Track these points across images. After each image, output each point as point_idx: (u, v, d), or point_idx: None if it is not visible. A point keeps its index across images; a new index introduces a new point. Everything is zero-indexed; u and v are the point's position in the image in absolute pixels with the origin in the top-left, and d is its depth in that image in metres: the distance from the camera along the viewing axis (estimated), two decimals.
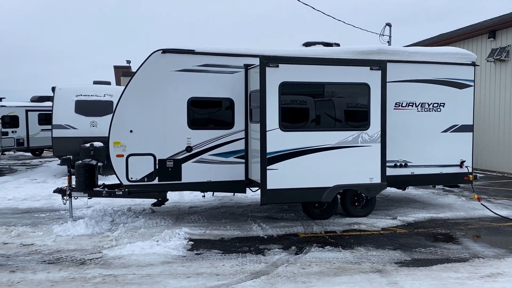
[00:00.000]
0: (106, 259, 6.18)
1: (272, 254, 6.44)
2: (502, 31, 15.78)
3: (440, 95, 9.21)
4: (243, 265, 5.96)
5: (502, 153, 15.44)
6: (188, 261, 6.11)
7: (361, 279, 5.39)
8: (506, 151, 15.34)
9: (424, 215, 9.02)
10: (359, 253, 6.51)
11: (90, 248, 6.72)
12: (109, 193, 8.37)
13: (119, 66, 27.69)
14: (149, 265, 5.95)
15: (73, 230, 7.57)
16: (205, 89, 8.00)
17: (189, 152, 7.98)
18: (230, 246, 6.86)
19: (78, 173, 8.33)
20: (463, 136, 9.47)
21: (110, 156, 7.66)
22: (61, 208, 9.91)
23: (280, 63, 7.29)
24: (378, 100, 7.80)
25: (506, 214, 9.12)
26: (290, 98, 7.49)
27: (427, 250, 6.74)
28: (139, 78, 7.72)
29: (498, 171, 15.45)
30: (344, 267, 5.89)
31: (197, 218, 8.74)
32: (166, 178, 7.87)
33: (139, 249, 6.52)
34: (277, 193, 7.40)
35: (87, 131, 14.93)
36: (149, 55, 7.77)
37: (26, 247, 6.74)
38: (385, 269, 5.79)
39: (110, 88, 15.68)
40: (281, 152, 7.41)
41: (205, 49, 8.00)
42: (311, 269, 5.79)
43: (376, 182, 7.90)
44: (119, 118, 7.66)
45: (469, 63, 9.46)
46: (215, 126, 8.19)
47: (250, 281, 5.32)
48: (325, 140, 7.58)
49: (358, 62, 7.71)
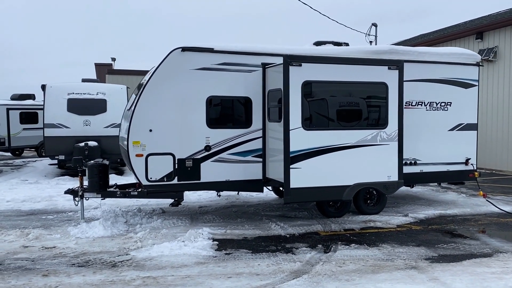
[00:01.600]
0: (137, 261, 6.06)
1: (302, 253, 6.46)
2: (489, 32, 16.28)
3: (447, 94, 9.43)
4: (279, 264, 5.95)
5: (490, 151, 15.94)
6: (222, 261, 6.07)
7: (401, 276, 5.47)
8: (494, 149, 15.85)
9: (433, 212, 9.23)
10: (386, 250, 6.60)
11: (116, 250, 6.58)
12: (124, 194, 8.21)
13: (101, 64, 27.12)
14: (183, 266, 5.88)
15: (91, 232, 7.39)
16: (223, 88, 7.95)
17: (207, 151, 7.91)
18: (257, 246, 6.85)
19: (92, 173, 8.13)
20: (468, 135, 9.73)
21: (129, 156, 7.50)
22: (65, 209, 9.70)
23: (303, 62, 7.32)
24: (396, 99, 7.93)
25: (510, 209, 9.43)
26: (312, 97, 7.53)
27: (449, 246, 6.90)
28: (158, 76, 7.59)
29: (486, 168, 15.94)
30: (378, 264, 5.96)
31: (212, 218, 8.67)
32: (185, 177, 7.78)
33: (168, 250, 6.43)
34: (300, 191, 7.44)
35: (80, 130, 14.60)
36: (168, 53, 7.65)
37: (49, 250, 6.54)
38: (419, 266, 5.90)
39: (103, 86, 15.36)
40: (304, 151, 7.45)
41: (224, 48, 7.94)
42: (347, 267, 5.84)
43: (394, 180, 8.04)
44: (139, 117, 7.52)
45: (474, 63, 9.73)
46: (233, 125, 8.15)
47: (294, 280, 5.32)
48: (346, 139, 7.66)
49: (377, 61, 7.82)
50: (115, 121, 14.94)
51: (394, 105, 7.93)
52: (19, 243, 6.88)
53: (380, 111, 7.94)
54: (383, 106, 7.90)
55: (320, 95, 7.65)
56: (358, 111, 7.88)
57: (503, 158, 15.53)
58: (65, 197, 10.75)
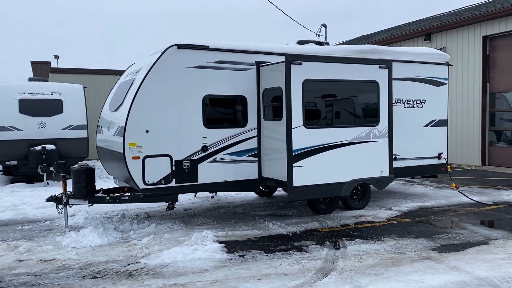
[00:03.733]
0: (152, 269, 5.77)
1: (315, 251, 6.49)
2: (437, 34, 17.32)
3: (422, 92, 9.92)
4: (299, 263, 5.94)
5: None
6: (242, 264, 5.94)
7: (423, 267, 5.67)
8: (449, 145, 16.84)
9: (413, 205, 9.65)
10: (391, 243, 6.81)
11: (123, 258, 6.22)
12: (114, 199, 7.80)
13: (39, 62, 25.41)
14: (204, 271, 5.68)
15: (86, 241, 6.93)
16: (219, 87, 7.78)
17: (204, 151, 7.70)
18: (265, 246, 6.78)
19: (78, 178, 7.63)
20: (440, 130, 10.30)
21: (125, 159, 7.10)
22: (38, 218, 9.02)
23: (304, 60, 7.35)
24: (386, 97, 8.21)
25: (478, 199, 10.10)
26: (312, 95, 7.58)
27: (445, 236, 7.25)
28: (154, 74, 7.26)
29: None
30: (394, 257, 6.14)
31: (205, 220, 8.46)
32: (183, 179, 7.53)
33: (181, 255, 6.18)
34: (302, 190, 7.47)
35: (34, 133, 13.63)
36: (163, 50, 7.35)
37: (50, 263, 6.03)
38: (432, 256, 6.14)
39: (58, 86, 14.42)
40: (305, 149, 7.49)
41: (219, 45, 7.77)
42: (367, 261, 5.95)
43: (385, 175, 8.32)
44: (135, 117, 7.15)
45: (444, 62, 10.31)
46: (230, 125, 8.00)
47: (327, 278, 5.34)
48: (343, 136, 7.81)
49: (369, 61, 8.04)
50: (73, 122, 14.14)
51: (384, 102, 8.21)
52: (11, 257, 6.29)
53: (372, 109, 8.17)
54: (375, 104, 8.14)
55: (319, 93, 7.73)
56: (354, 109, 8.05)
57: (458, 152, 16.51)
58: (32, 205, 10.09)
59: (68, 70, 20.18)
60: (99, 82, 20.24)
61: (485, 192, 11.09)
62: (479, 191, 11.13)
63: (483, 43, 15.66)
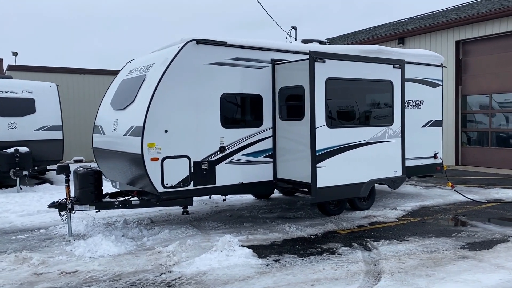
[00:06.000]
0: (191, 278, 5.37)
1: (349, 253, 6.32)
2: (410, 38, 17.81)
3: (420, 93, 10.06)
4: (342, 266, 5.75)
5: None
6: (282, 269, 5.67)
7: (469, 266, 5.64)
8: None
9: (414, 204, 9.76)
10: (419, 243, 6.77)
11: (152, 267, 5.75)
12: (124, 204, 7.27)
13: None
14: (248, 278, 5.36)
15: (102, 250, 6.37)
16: (236, 84, 7.46)
17: (222, 152, 7.35)
18: (294, 249, 6.54)
19: (86, 182, 7.04)
20: (436, 131, 10.50)
21: (143, 161, 6.61)
22: (27, 227, 8.29)
23: (327, 58, 7.19)
24: (399, 97, 8.21)
25: (472, 197, 10.38)
26: (333, 94, 7.43)
27: (463, 234, 7.32)
28: (173, 71, 6.82)
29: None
30: (432, 257, 6.09)
31: (216, 224, 8.08)
32: (201, 182, 7.13)
33: (216, 262, 5.82)
34: (325, 191, 7.30)
35: (4, 135, 12.61)
36: (182, 45, 6.93)
37: (74, 275, 5.47)
38: (468, 255, 6.15)
39: (29, 84, 13.40)
40: (328, 149, 7.33)
41: (236, 42, 7.45)
42: (410, 262, 5.86)
43: (399, 175, 8.32)
44: (153, 116, 6.66)
45: (439, 64, 10.53)
46: (246, 124, 7.69)
47: (382, 281, 5.17)
48: (361, 136, 7.72)
49: (385, 60, 8.01)
50: (47, 123, 13.22)
51: (398, 102, 8.22)
52: (25, 270, 5.65)
53: (387, 109, 8.15)
54: (390, 103, 8.13)
55: (340, 92, 7.59)
56: (371, 109, 7.99)
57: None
58: (16, 212, 9.37)
59: (29, 68, 18.89)
60: (62, 81, 19.09)
61: (473, 190, 11.42)
62: (467, 190, 11.45)
63: (456, 48, 16.27)
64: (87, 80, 20.31)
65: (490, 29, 15.17)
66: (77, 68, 20.40)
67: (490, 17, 14.96)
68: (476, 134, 16.54)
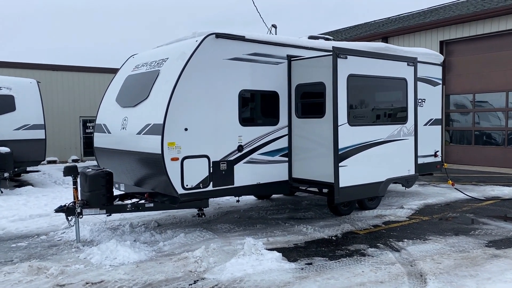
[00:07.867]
0: (228, 285, 5.06)
1: (379, 254, 6.17)
2: (394, 38, 17.98)
3: (423, 91, 10.06)
4: (380, 268, 5.58)
5: None
6: (320, 273, 5.44)
7: (508, 266, 5.59)
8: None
9: (418, 202, 9.76)
10: (443, 242, 6.70)
11: (182, 274, 5.39)
12: (136, 207, 6.84)
13: None
14: (289, 284, 5.11)
15: (121, 257, 5.94)
16: (254, 81, 7.17)
17: (240, 151, 7.04)
18: (321, 252, 6.33)
19: (97, 184, 6.55)
20: (436, 129, 10.56)
21: (163, 161, 6.20)
22: (24, 233, 7.70)
23: (348, 54, 7.01)
24: (413, 95, 8.14)
25: (471, 194, 10.50)
26: (354, 91, 7.26)
27: (480, 232, 7.32)
28: (192, 66, 6.45)
29: None
30: (465, 256, 6.02)
31: (228, 227, 7.77)
32: (220, 183, 6.79)
33: (249, 267, 5.52)
34: (347, 191, 7.12)
35: None
36: (201, 39, 6.57)
37: (101, 286, 5.03)
38: (498, 254, 6.12)
39: (7, 80, 12.57)
40: (349, 148, 7.15)
41: (254, 37, 7.17)
42: (446, 262, 5.76)
43: (412, 174, 8.25)
44: (174, 113, 6.27)
45: (439, 63, 10.59)
46: (263, 122, 7.41)
47: (431, 283, 5.03)
48: (380, 134, 7.60)
49: (401, 58, 7.93)
50: (28, 121, 12.46)
51: (411, 100, 8.14)
52: (43, 281, 5.16)
53: (402, 107, 8.06)
54: (404, 101, 8.05)
55: (360, 89, 7.42)
56: (389, 106, 7.89)
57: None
58: (6, 217, 8.72)
59: (2, 63, 17.83)
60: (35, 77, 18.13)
61: (468, 188, 11.57)
62: (461, 187, 11.58)
63: (440, 48, 16.53)
64: (60, 76, 19.40)
65: (474, 30, 15.50)
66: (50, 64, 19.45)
67: (474, 18, 15.28)
68: (459, 132, 16.88)
